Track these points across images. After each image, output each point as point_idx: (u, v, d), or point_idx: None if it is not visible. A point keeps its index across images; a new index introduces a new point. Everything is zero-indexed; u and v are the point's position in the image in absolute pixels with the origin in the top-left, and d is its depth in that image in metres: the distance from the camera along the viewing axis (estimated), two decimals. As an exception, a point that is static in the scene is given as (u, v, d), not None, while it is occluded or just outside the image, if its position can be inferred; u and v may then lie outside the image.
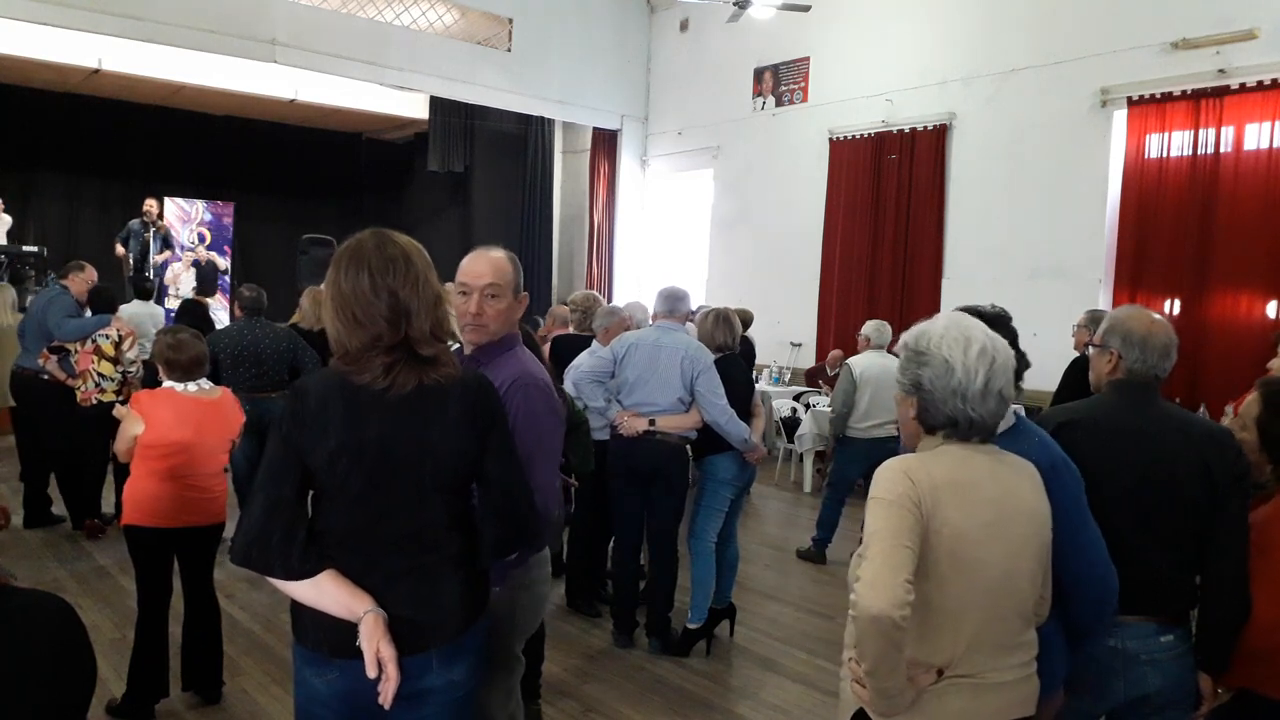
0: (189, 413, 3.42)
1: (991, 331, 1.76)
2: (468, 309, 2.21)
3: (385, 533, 1.78)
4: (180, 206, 12.58)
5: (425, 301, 1.79)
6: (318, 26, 9.41)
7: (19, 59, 10.22)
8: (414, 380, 1.77)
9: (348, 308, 1.76)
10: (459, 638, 1.84)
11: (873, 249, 9.34)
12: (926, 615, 1.64)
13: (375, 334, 1.75)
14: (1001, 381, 1.71)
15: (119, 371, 5.55)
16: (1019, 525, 1.70)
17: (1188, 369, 6.92)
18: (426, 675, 1.81)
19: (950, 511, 1.63)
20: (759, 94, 10.66)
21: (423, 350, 1.78)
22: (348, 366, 1.77)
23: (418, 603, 1.79)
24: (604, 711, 3.71)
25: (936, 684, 1.65)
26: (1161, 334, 2.24)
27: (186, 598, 3.54)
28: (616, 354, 4.24)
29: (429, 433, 1.79)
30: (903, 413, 1.81)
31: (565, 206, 12.91)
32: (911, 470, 1.66)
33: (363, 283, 1.76)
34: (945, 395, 1.70)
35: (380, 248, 1.80)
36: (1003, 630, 1.69)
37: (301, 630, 1.81)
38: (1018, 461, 1.77)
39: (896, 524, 1.60)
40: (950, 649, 1.65)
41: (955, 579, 1.64)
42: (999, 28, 8.36)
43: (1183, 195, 7.11)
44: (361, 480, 1.76)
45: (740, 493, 4.48)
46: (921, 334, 1.76)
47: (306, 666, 1.82)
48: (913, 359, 1.75)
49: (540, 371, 2.25)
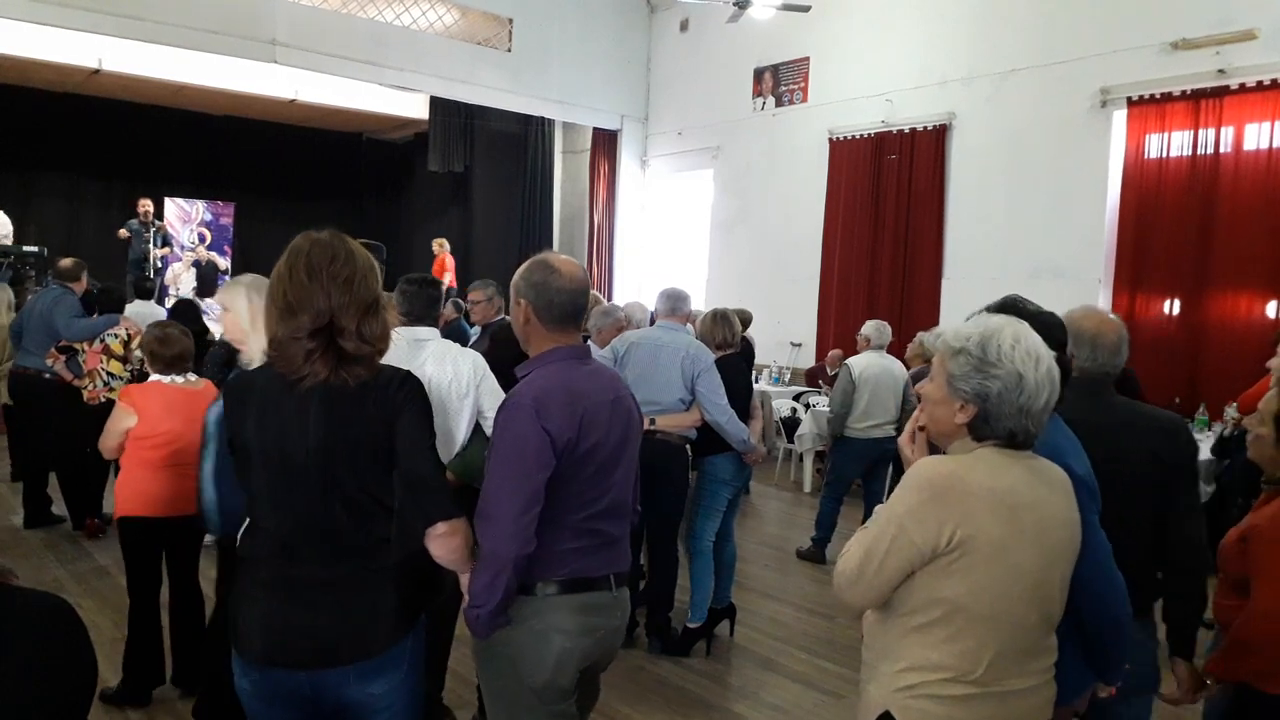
0: (178, 403, 3.51)
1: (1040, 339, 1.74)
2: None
3: (295, 534, 1.83)
4: (180, 206, 12.59)
5: (357, 299, 1.83)
6: (318, 26, 9.42)
7: (19, 59, 10.24)
8: (327, 371, 1.80)
9: (285, 295, 1.82)
10: (379, 654, 1.86)
11: (873, 249, 9.34)
12: (959, 619, 1.64)
13: (302, 321, 1.79)
14: (1055, 397, 1.69)
15: (128, 370, 5.57)
16: (1054, 533, 1.69)
17: (1188, 369, 6.92)
18: (345, 688, 1.86)
19: (987, 520, 1.62)
20: (759, 94, 10.66)
21: (345, 343, 1.81)
22: (273, 354, 1.83)
23: (334, 615, 1.83)
24: (604, 711, 3.70)
25: (966, 693, 1.65)
26: (1112, 333, 2.29)
27: (172, 590, 3.62)
28: (617, 353, 4.24)
29: (334, 430, 1.82)
30: (944, 414, 1.72)
31: (565, 206, 12.91)
32: (945, 483, 1.65)
33: (300, 272, 1.82)
34: (1012, 410, 1.65)
35: (327, 244, 1.87)
36: (1030, 636, 1.69)
37: (230, 630, 1.92)
38: (1050, 468, 1.75)
39: (907, 538, 1.64)
40: (978, 653, 1.64)
41: (990, 586, 1.63)
42: (999, 28, 8.36)
43: (1182, 195, 7.12)
44: (267, 476, 1.84)
45: (737, 492, 4.49)
46: (987, 341, 1.67)
47: (235, 665, 1.92)
48: (979, 368, 1.66)
49: (537, 391, 2.01)
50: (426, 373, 2.94)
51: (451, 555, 1.90)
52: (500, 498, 1.94)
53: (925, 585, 1.66)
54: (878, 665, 1.75)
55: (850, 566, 1.71)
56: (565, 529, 2.03)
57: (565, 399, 2.00)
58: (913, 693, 1.67)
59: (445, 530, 1.85)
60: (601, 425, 2.06)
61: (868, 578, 1.68)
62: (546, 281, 2.08)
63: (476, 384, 3.10)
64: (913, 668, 1.67)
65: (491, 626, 1.99)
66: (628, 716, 3.68)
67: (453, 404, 3.04)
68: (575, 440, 1.99)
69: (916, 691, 1.67)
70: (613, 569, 2.13)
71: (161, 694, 3.59)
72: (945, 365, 1.72)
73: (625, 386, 2.25)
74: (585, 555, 2.07)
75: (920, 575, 1.66)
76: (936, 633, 1.66)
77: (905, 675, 1.68)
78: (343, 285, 1.82)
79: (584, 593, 2.06)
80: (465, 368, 3.09)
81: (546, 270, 2.09)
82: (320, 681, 1.84)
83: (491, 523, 1.93)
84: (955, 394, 1.69)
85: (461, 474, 2.97)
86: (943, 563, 1.63)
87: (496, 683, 2.11)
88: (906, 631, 1.69)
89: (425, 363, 3.01)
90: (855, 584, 1.71)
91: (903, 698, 1.68)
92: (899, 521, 1.66)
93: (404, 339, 3.07)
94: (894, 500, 1.70)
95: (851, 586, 1.72)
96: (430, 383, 2.88)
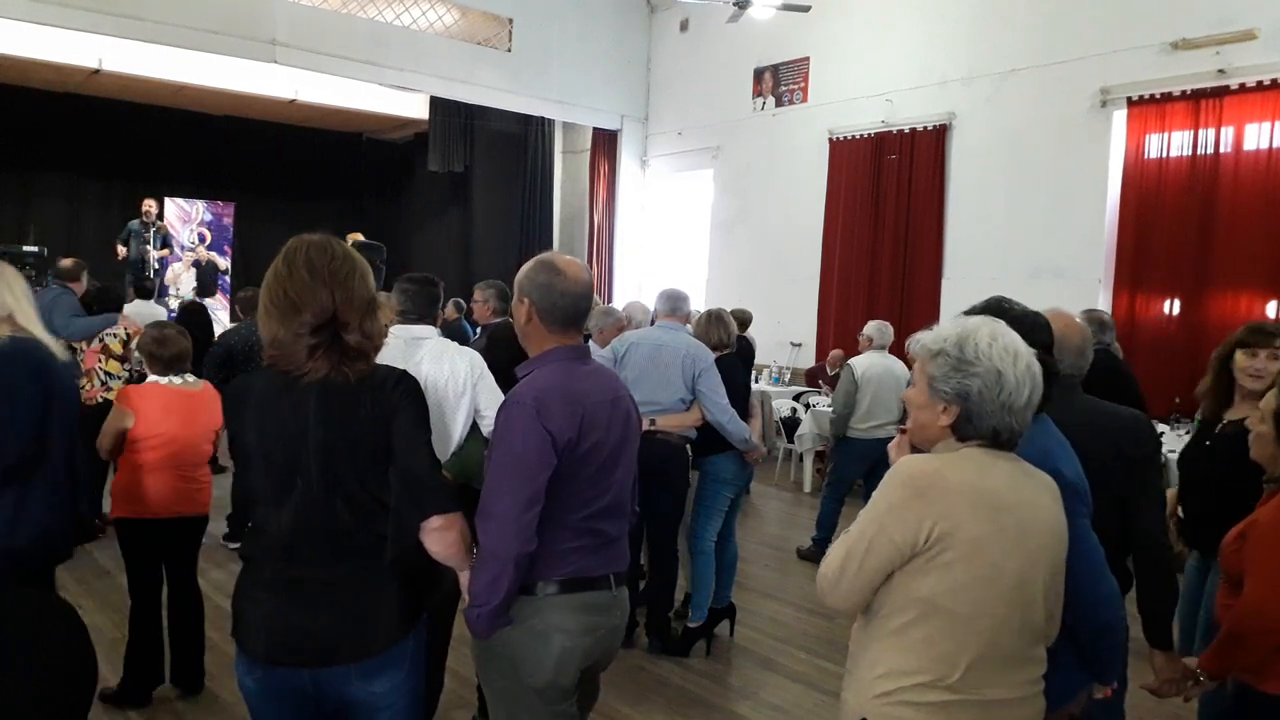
0: (175, 404, 3.51)
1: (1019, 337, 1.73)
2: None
3: (297, 534, 1.84)
4: (180, 206, 12.59)
5: (359, 296, 1.86)
6: (318, 26, 9.41)
7: (19, 59, 10.23)
8: (328, 368, 1.81)
9: (286, 294, 1.82)
10: (381, 654, 1.87)
11: (873, 249, 9.34)
12: (935, 620, 1.63)
13: (305, 319, 1.81)
14: (1038, 394, 1.69)
15: (126, 369, 5.57)
16: (1037, 536, 1.69)
17: (1188, 369, 6.90)
18: (347, 686, 1.86)
19: (967, 517, 1.62)
20: (759, 94, 10.66)
21: (349, 337, 1.83)
22: (276, 353, 1.84)
23: (335, 614, 1.84)
24: (604, 711, 3.70)
25: (943, 699, 1.63)
26: (1076, 335, 2.36)
27: (170, 591, 3.61)
28: (617, 353, 4.24)
29: (333, 430, 1.83)
30: (928, 418, 1.73)
31: (565, 206, 12.91)
32: (927, 480, 1.65)
33: (302, 271, 1.83)
34: (994, 408, 1.65)
35: (323, 244, 1.89)
36: (1012, 643, 1.67)
37: (234, 629, 1.93)
38: (1037, 472, 1.75)
39: (886, 537, 1.64)
40: (955, 656, 1.63)
41: (968, 585, 1.62)
42: (999, 28, 8.36)
43: (1182, 195, 7.11)
44: (269, 477, 1.85)
45: (739, 492, 4.49)
46: (964, 340, 1.68)
47: (239, 664, 1.92)
48: (957, 367, 1.66)
49: (538, 391, 2.01)
50: (423, 371, 2.93)
51: (448, 550, 1.90)
52: (502, 496, 1.94)
53: (903, 584, 1.65)
54: (855, 671, 1.75)
55: (832, 568, 1.72)
56: (566, 528, 2.03)
57: (566, 398, 2.00)
58: (889, 699, 1.66)
59: (441, 524, 1.86)
60: (601, 425, 2.06)
61: (849, 578, 1.68)
62: (551, 284, 2.08)
63: (473, 383, 3.09)
64: (890, 673, 1.66)
65: (492, 626, 1.99)
66: (628, 716, 3.68)
67: (449, 403, 3.03)
68: (576, 440, 1.99)
69: (893, 698, 1.65)
70: (612, 568, 2.13)
71: (161, 694, 3.59)
72: (925, 368, 1.73)
73: (624, 387, 2.26)
74: (586, 555, 2.07)
75: (899, 574, 1.66)
76: (913, 634, 1.65)
77: (882, 681, 1.67)
78: (343, 281, 1.85)
79: (584, 592, 2.06)
80: (462, 366, 3.08)
81: (552, 272, 2.09)
82: (323, 680, 1.85)
83: (493, 521, 1.93)
84: (937, 396, 1.70)
85: (458, 473, 2.96)
86: (920, 560, 1.63)
87: (498, 683, 2.11)
88: (884, 634, 1.68)
89: (422, 361, 3.00)
90: (837, 585, 1.71)
91: (879, 704, 1.67)
92: (879, 520, 1.66)
93: (400, 337, 3.07)
94: (875, 499, 1.70)
95: (834, 588, 1.72)
96: (426, 381, 2.87)
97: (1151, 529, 2.32)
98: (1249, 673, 2.16)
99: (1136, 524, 2.31)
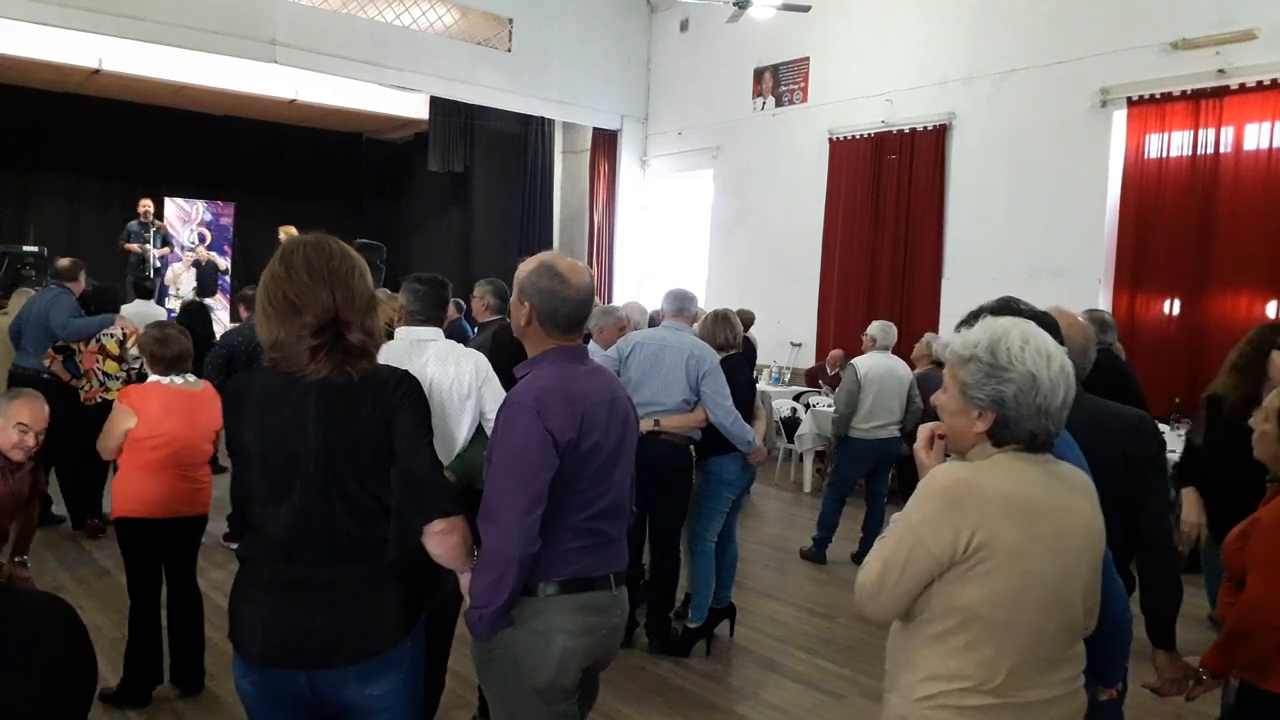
0: (177, 404, 3.51)
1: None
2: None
3: (296, 534, 1.83)
4: (180, 206, 12.58)
5: (360, 294, 1.86)
6: (318, 26, 9.41)
7: (19, 59, 10.23)
8: (330, 368, 1.81)
9: (286, 295, 1.81)
10: (380, 654, 1.86)
11: (873, 249, 9.34)
12: (976, 626, 1.62)
13: (307, 320, 1.80)
14: (1072, 394, 1.68)
15: (124, 369, 5.56)
16: (1073, 538, 1.67)
17: (1188, 369, 6.91)
18: (344, 690, 1.86)
19: (1004, 526, 1.60)
20: (759, 94, 10.66)
21: (351, 336, 1.82)
22: (277, 355, 1.83)
23: (333, 616, 1.83)
24: (604, 711, 3.70)
25: (986, 703, 1.63)
26: (1079, 335, 2.33)
27: (170, 590, 3.61)
28: (622, 353, 4.24)
29: (333, 431, 1.82)
30: (962, 424, 1.70)
31: (565, 206, 12.90)
32: (962, 490, 1.63)
33: (301, 272, 1.82)
34: (1030, 412, 1.63)
35: (320, 243, 1.88)
36: (1051, 646, 1.66)
37: (230, 630, 1.93)
38: (1072, 472, 1.73)
39: (924, 548, 1.63)
40: (996, 661, 1.62)
41: (1006, 593, 1.61)
42: (999, 28, 8.36)
43: (1182, 195, 7.11)
44: (268, 477, 1.84)
45: (741, 493, 4.49)
46: (996, 345, 1.64)
47: (236, 667, 1.92)
48: (991, 373, 1.63)
49: (537, 391, 2.00)
50: (428, 373, 2.92)
51: (450, 553, 1.89)
52: (504, 497, 1.93)
53: (943, 593, 1.64)
54: (898, 675, 1.74)
55: (870, 579, 1.70)
56: (567, 529, 2.03)
57: (565, 399, 2.00)
58: (932, 703, 1.65)
59: (443, 527, 1.85)
60: (601, 425, 2.06)
61: (888, 589, 1.67)
62: (554, 290, 2.07)
63: (479, 386, 3.06)
64: (932, 677, 1.66)
65: (494, 628, 1.99)
66: (628, 716, 3.68)
67: (454, 405, 3.01)
68: (576, 440, 1.99)
69: (936, 702, 1.65)
70: (612, 568, 2.13)
71: (161, 694, 3.59)
72: (957, 374, 1.70)
73: (622, 387, 2.25)
74: (586, 555, 2.07)
75: (938, 583, 1.64)
76: (954, 641, 1.64)
77: (925, 685, 1.66)
78: (344, 280, 1.84)
79: (585, 592, 2.06)
80: (468, 369, 3.06)
81: (555, 278, 2.08)
82: (320, 682, 1.84)
83: (496, 522, 1.92)
84: (971, 403, 1.67)
85: (462, 474, 2.96)
86: (960, 570, 1.62)
87: (499, 684, 2.10)
88: (926, 640, 1.68)
89: (427, 363, 2.99)
90: (876, 596, 1.69)
91: (922, 708, 1.66)
92: (915, 531, 1.64)
93: (405, 339, 3.06)
94: (909, 509, 1.68)
95: (873, 599, 1.70)
96: (431, 384, 2.86)
97: (1155, 530, 2.31)
98: (1251, 670, 2.16)
99: (1144, 527, 2.30)
